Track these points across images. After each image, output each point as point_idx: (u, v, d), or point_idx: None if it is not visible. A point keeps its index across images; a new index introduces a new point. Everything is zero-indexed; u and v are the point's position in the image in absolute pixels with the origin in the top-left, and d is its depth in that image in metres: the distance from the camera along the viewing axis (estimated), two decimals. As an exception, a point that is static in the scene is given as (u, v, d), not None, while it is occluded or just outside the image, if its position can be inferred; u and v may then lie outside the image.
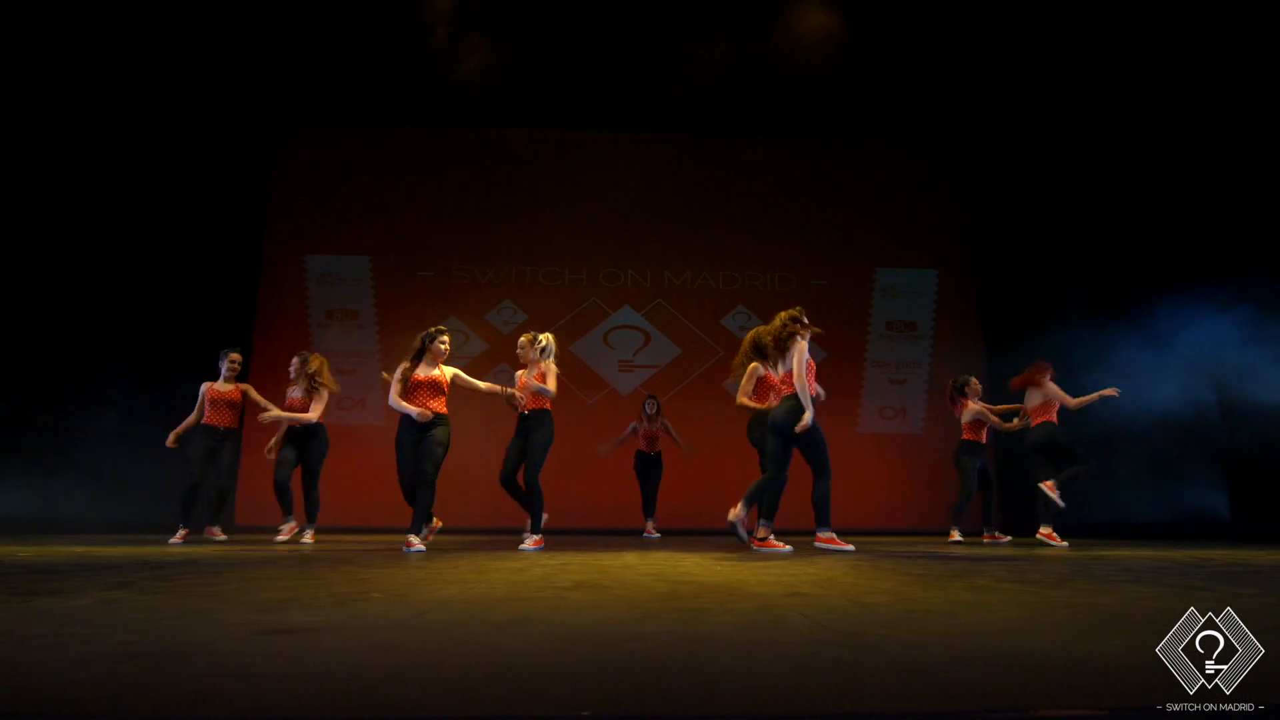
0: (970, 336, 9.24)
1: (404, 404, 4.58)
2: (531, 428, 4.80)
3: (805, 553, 4.28)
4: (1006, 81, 8.52)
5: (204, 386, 5.89)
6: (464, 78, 8.57)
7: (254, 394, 6.07)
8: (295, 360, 6.00)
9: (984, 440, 6.41)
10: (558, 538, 6.00)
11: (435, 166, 9.56)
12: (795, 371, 4.48)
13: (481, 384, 4.90)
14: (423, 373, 4.65)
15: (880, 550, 4.63)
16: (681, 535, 7.20)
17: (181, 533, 5.32)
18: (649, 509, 7.31)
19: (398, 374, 4.66)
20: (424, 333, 4.74)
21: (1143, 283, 8.29)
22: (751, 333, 5.22)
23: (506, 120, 9.46)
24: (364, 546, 4.85)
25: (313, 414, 5.68)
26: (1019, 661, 1.24)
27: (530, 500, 4.77)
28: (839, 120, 9.38)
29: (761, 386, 5.28)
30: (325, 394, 5.77)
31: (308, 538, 5.57)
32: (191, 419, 5.84)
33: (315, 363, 5.82)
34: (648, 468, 7.38)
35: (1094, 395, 5.78)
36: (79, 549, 4.02)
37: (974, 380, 6.52)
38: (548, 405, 4.86)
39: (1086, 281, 8.53)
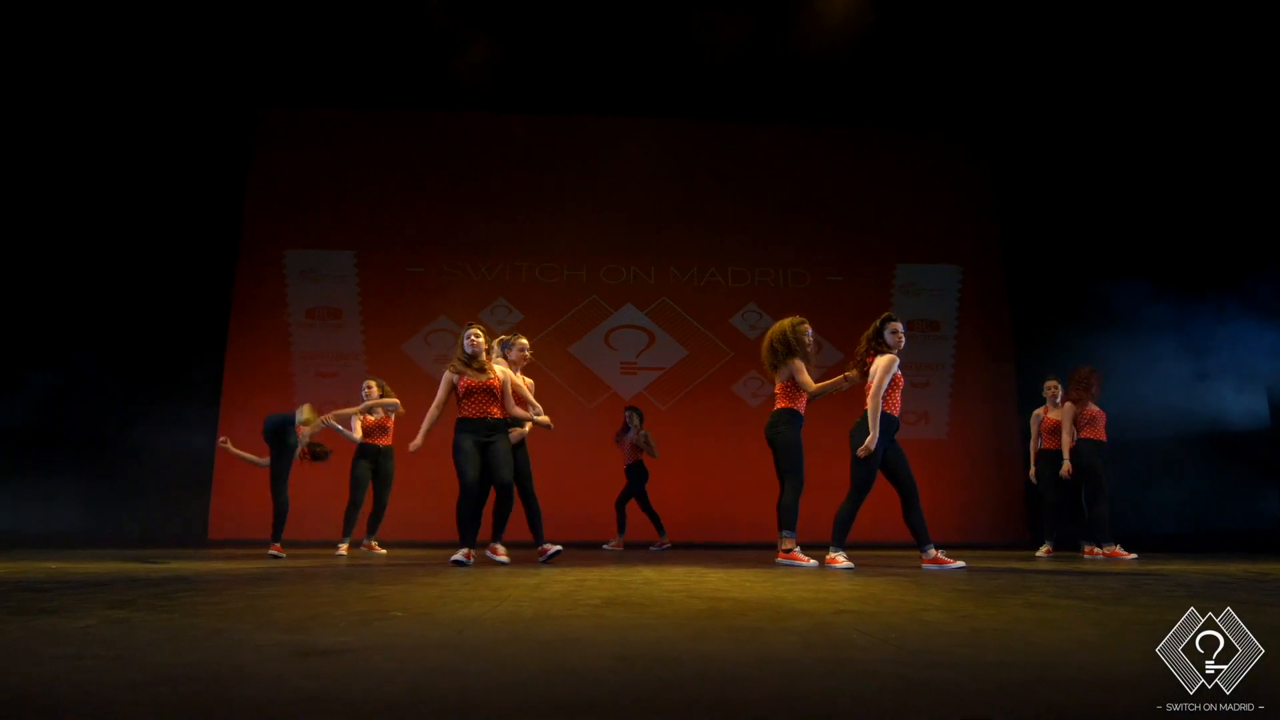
0: (998, 337, 9.30)
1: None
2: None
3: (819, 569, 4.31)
4: (1036, 63, 8.57)
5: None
6: (457, 58, 8.57)
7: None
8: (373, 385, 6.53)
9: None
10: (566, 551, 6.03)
11: (425, 154, 9.56)
12: (874, 389, 4.42)
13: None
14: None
15: (911, 566, 4.65)
16: (692, 549, 7.21)
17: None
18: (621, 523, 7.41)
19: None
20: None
21: (1186, 279, 8.30)
22: (779, 328, 5.12)
23: (502, 104, 9.47)
24: (357, 562, 4.85)
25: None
26: (1115, 679, 1.25)
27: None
28: (857, 106, 9.43)
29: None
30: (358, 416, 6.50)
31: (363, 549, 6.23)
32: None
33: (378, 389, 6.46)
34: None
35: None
36: (53, 564, 4.00)
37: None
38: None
39: (1123, 278, 8.53)
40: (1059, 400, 6.28)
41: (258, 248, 9.19)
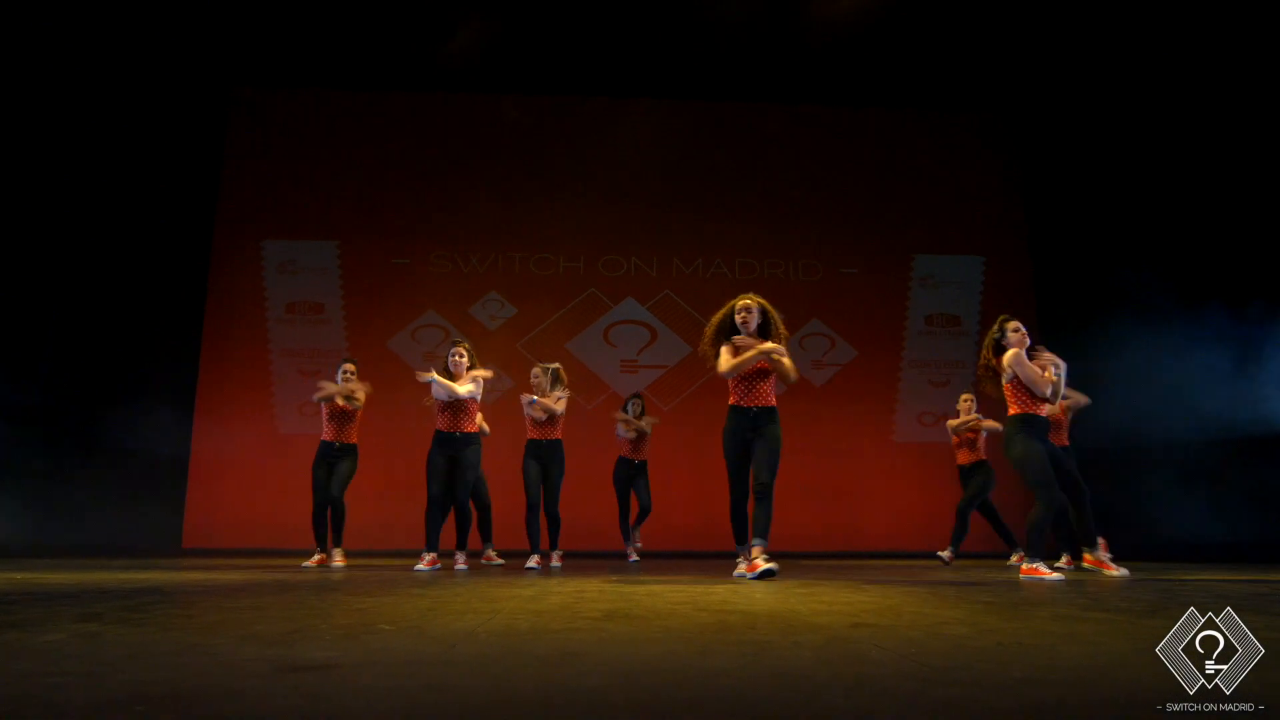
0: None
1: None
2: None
3: (841, 577, 4.31)
4: (1065, 41, 8.55)
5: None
6: (445, 35, 8.56)
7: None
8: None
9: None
10: (567, 561, 6.05)
11: (412, 138, 9.56)
12: (1024, 379, 4.56)
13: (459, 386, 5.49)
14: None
15: (932, 576, 4.66)
16: (698, 559, 7.22)
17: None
18: (634, 525, 7.18)
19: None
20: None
21: (1223, 274, 8.30)
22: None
23: (494, 85, 9.47)
24: (341, 571, 4.86)
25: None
26: (1149, 696, 1.26)
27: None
28: (873, 86, 9.42)
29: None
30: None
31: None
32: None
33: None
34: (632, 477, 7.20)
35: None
36: (18, 575, 4.01)
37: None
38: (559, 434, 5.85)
39: (1157, 270, 8.53)
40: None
41: (234, 238, 9.20)
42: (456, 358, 5.62)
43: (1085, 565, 5.09)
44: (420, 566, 5.20)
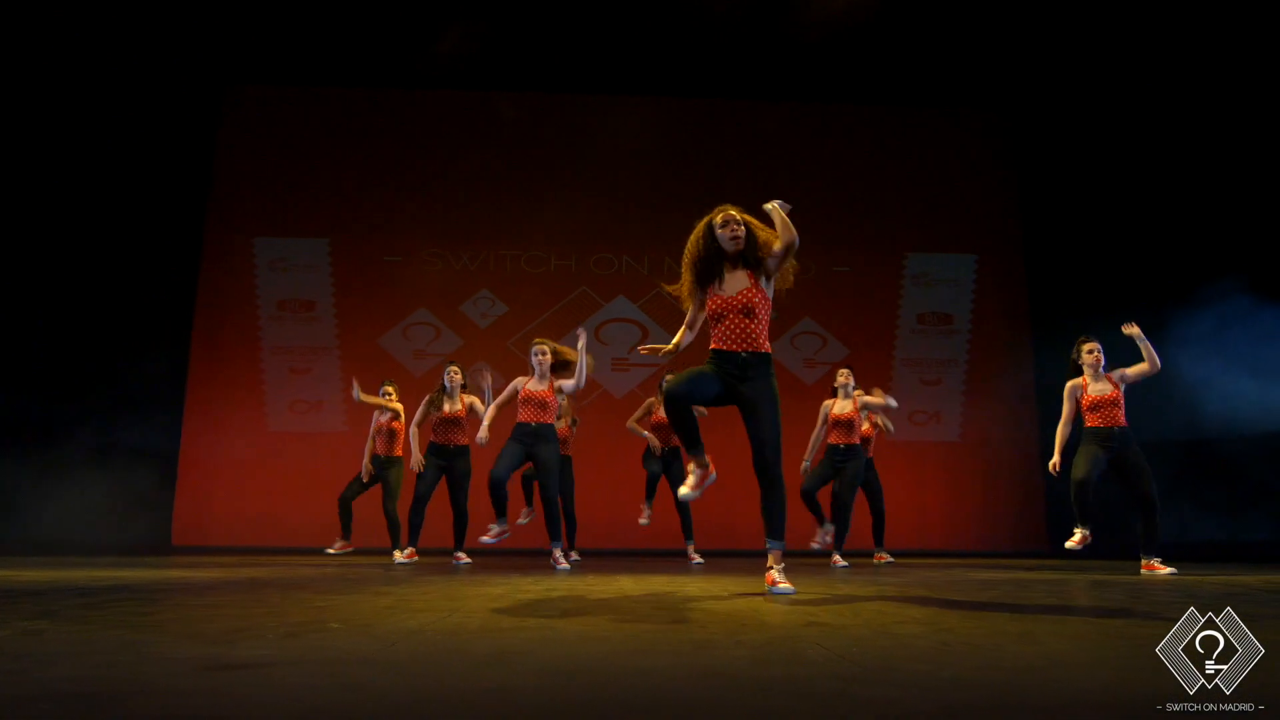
0: (1016, 331, 9.27)
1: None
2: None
3: (823, 575, 4.30)
4: (1058, 39, 8.52)
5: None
6: (438, 32, 8.55)
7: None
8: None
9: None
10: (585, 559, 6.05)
11: (404, 136, 9.56)
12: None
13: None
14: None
15: (912, 576, 4.65)
16: (683, 557, 7.21)
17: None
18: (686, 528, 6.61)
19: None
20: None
21: (1221, 273, 8.24)
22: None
23: (486, 82, 9.47)
24: (321, 569, 4.85)
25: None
26: (1078, 700, 1.25)
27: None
28: (866, 82, 9.39)
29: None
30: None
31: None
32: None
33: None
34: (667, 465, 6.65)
35: None
36: (-6, 573, 4.02)
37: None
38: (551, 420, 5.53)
39: (1153, 269, 8.49)
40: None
41: (225, 235, 9.20)
42: (453, 375, 6.18)
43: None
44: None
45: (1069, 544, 5.11)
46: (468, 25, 8.42)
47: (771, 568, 3.23)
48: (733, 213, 3.48)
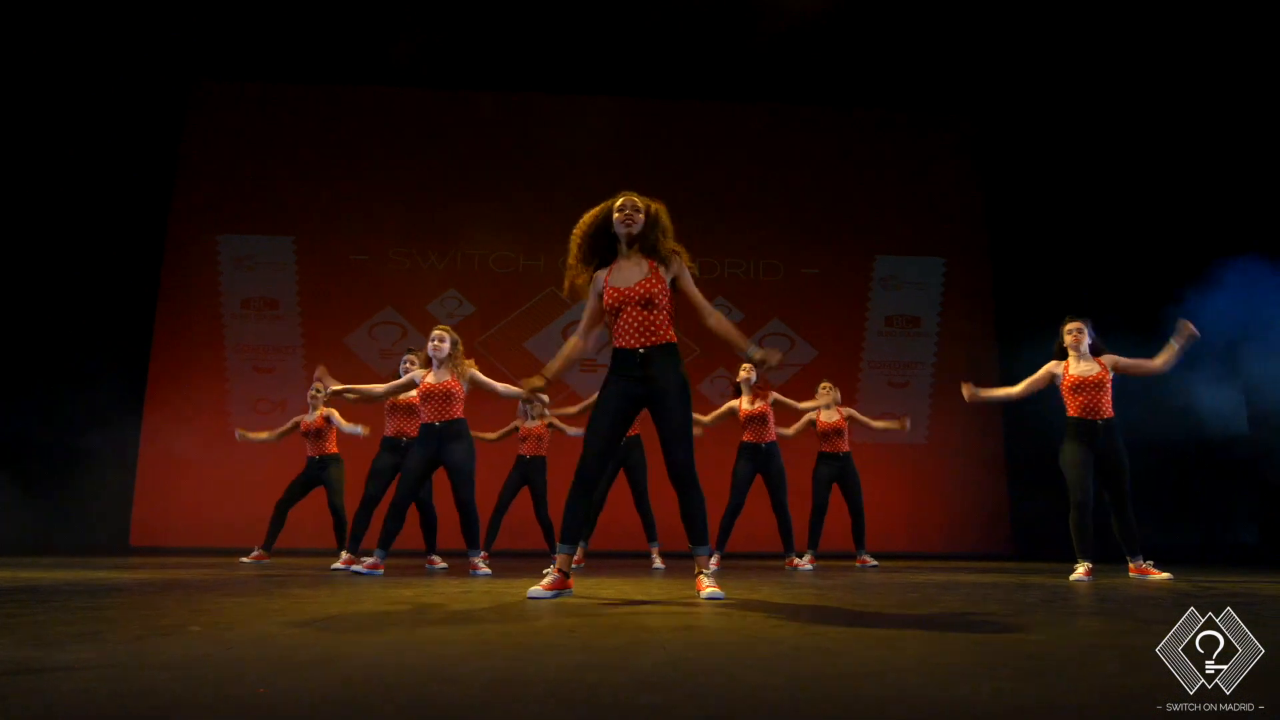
0: (982, 334, 9.26)
1: None
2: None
3: (777, 580, 4.25)
4: (1026, 44, 8.51)
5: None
6: (407, 29, 8.49)
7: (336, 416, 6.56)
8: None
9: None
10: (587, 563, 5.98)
11: (371, 134, 9.50)
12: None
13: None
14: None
15: (852, 579, 4.61)
16: (639, 557, 7.16)
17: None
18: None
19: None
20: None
21: (1184, 276, 8.23)
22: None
23: (456, 81, 9.42)
24: (267, 571, 4.79)
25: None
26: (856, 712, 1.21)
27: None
28: (833, 84, 9.37)
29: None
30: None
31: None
32: None
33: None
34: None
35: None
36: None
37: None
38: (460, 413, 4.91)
39: (1117, 273, 8.49)
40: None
41: (188, 232, 9.13)
42: (408, 365, 5.50)
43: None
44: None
45: (1072, 579, 4.55)
46: (435, 19, 8.37)
47: (700, 573, 3.13)
48: (634, 198, 3.33)
